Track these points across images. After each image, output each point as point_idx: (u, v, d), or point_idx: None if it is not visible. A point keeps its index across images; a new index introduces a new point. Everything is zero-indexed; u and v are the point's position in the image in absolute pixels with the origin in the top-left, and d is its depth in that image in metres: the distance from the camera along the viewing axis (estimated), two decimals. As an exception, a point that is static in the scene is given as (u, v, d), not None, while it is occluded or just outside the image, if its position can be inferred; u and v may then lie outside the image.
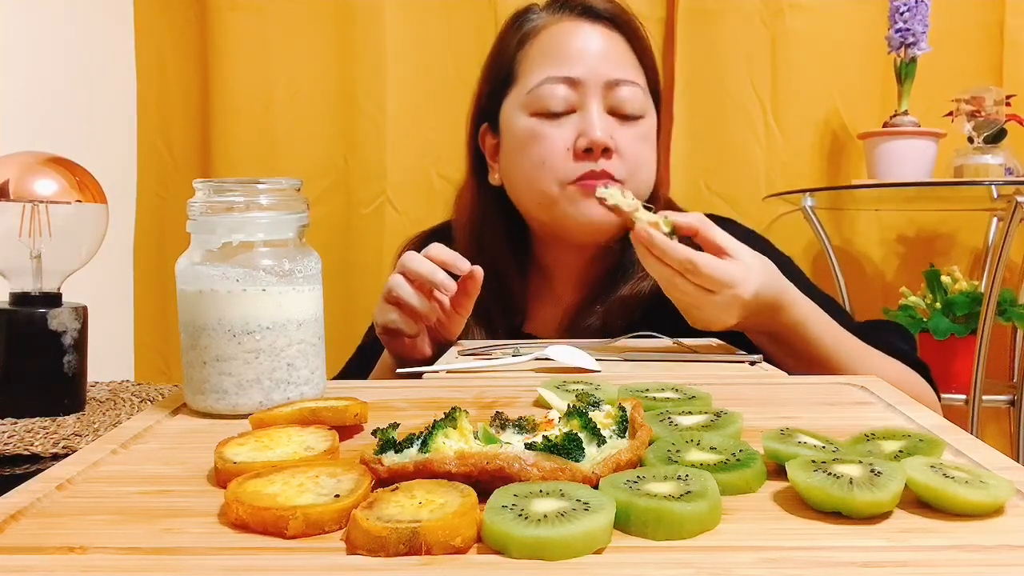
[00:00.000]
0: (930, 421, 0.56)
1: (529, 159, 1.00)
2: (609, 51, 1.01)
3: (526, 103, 1.01)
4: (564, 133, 0.98)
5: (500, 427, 0.48)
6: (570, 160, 0.98)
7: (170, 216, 1.88)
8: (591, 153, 0.97)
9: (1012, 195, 1.53)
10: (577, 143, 0.98)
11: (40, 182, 1.00)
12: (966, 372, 1.61)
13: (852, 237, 1.87)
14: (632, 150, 1.00)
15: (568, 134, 0.98)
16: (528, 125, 1.00)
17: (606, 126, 0.98)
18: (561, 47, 1.01)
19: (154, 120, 1.89)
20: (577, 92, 0.99)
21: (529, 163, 1.00)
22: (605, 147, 0.97)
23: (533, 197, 1.02)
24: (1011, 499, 0.40)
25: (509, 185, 1.06)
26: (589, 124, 0.97)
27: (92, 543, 0.38)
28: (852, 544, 0.37)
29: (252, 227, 0.61)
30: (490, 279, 0.93)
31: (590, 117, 0.98)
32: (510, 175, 1.05)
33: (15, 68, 1.47)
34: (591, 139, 0.97)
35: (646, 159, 1.02)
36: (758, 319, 0.86)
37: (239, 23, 1.82)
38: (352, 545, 0.36)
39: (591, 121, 0.98)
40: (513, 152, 1.03)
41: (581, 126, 0.98)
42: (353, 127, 1.84)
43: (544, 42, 1.02)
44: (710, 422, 0.51)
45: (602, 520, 0.36)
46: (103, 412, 0.99)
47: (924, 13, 1.64)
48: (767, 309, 0.85)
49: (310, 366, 0.63)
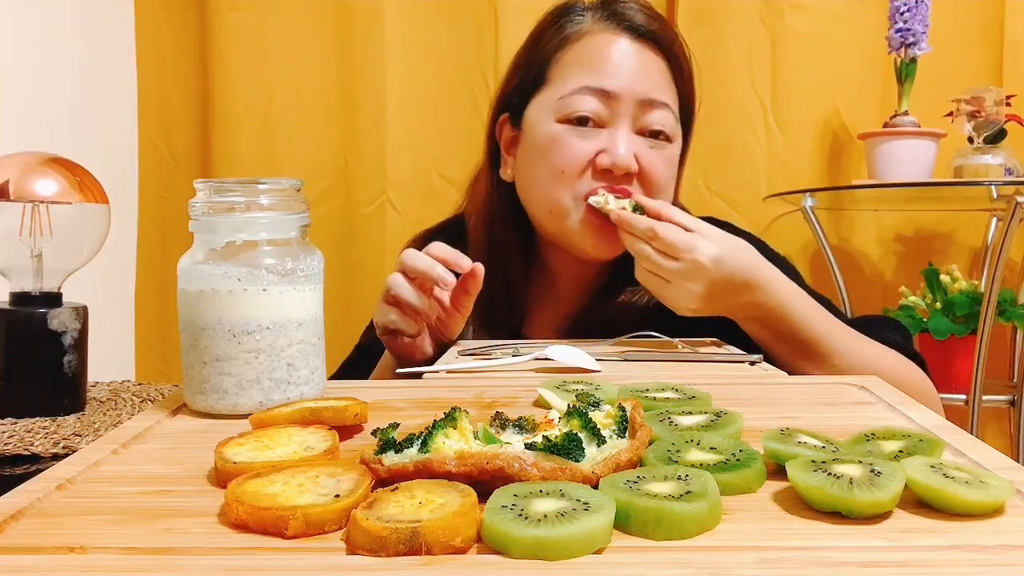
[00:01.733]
0: (930, 421, 0.56)
1: (548, 166, 0.97)
2: (648, 70, 0.98)
3: (556, 108, 0.97)
4: (588, 146, 0.95)
5: (500, 427, 0.48)
6: (588, 175, 0.95)
7: (171, 216, 1.88)
8: (610, 173, 0.95)
9: (1012, 195, 1.53)
10: (599, 159, 0.95)
11: (40, 182, 1.00)
12: (966, 372, 1.61)
13: (851, 237, 1.87)
14: (656, 171, 0.97)
15: (591, 148, 0.95)
16: (553, 132, 0.97)
17: (633, 147, 0.95)
18: (600, 58, 0.97)
19: (155, 120, 1.89)
20: (609, 107, 0.95)
21: (547, 170, 0.97)
22: (626, 171, 0.95)
23: (545, 205, 0.99)
24: (1011, 499, 0.40)
25: (522, 186, 1.03)
26: (615, 143, 0.94)
27: (92, 543, 0.38)
28: (852, 544, 0.37)
29: (255, 226, 0.61)
30: (494, 275, 0.93)
31: (618, 136, 0.95)
32: (525, 177, 1.02)
33: (15, 68, 1.47)
34: (614, 160, 0.94)
35: (668, 183, 1.00)
36: (733, 297, 0.86)
37: (239, 23, 1.82)
38: (352, 545, 0.37)
39: (618, 140, 0.95)
40: (532, 155, 1.00)
41: (607, 143, 0.95)
42: (353, 127, 1.84)
43: (583, 50, 0.99)
44: (710, 422, 0.51)
45: (602, 520, 0.36)
46: (103, 412, 0.99)
47: (924, 13, 1.64)
48: (740, 286, 0.85)
49: (310, 366, 0.63)
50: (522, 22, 1.12)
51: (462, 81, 1.83)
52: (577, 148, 0.95)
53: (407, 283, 0.86)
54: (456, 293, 0.88)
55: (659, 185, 0.98)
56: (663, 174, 0.98)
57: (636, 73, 0.97)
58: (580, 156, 0.95)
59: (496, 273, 0.99)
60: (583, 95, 0.96)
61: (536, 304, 1.09)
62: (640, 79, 0.97)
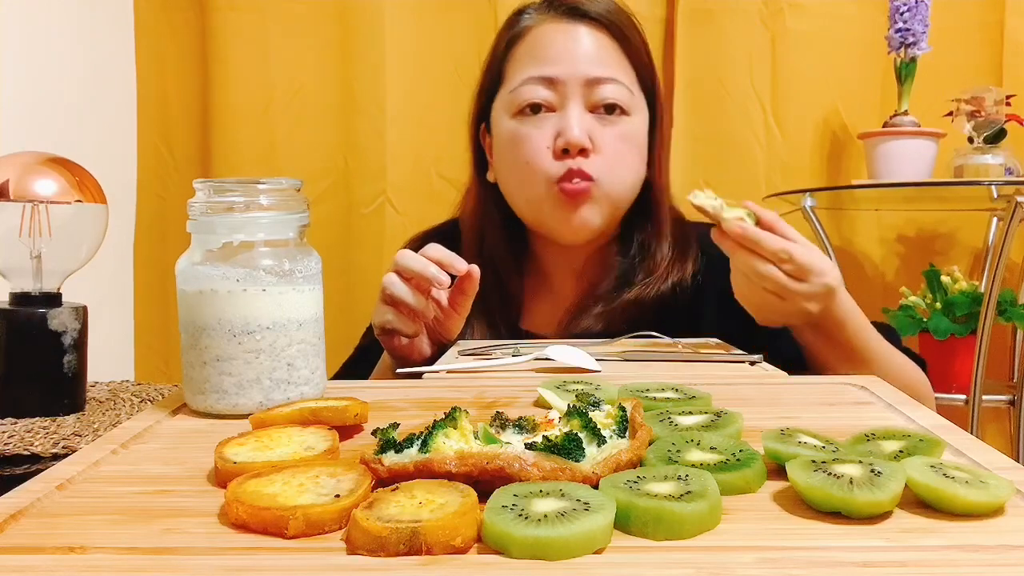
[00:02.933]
0: (930, 421, 0.56)
1: (515, 160, 1.01)
2: (592, 50, 1.01)
3: (508, 104, 1.02)
4: (544, 133, 0.99)
5: (500, 427, 0.48)
6: (551, 159, 0.99)
7: (170, 216, 1.88)
8: (568, 153, 0.98)
9: (1012, 195, 1.53)
10: (556, 143, 0.99)
11: (40, 182, 1.00)
12: (966, 372, 1.61)
13: (852, 237, 1.87)
14: (611, 148, 0.99)
15: (548, 134, 0.99)
16: (511, 127, 1.02)
17: (584, 125, 0.98)
18: (543, 47, 1.01)
19: (154, 120, 1.89)
20: (556, 92, 0.99)
21: (515, 164, 1.02)
22: (581, 148, 0.98)
23: (522, 196, 1.04)
24: (1011, 499, 0.40)
25: (501, 184, 1.07)
26: (566, 124, 0.98)
27: (92, 543, 0.38)
28: (852, 544, 0.37)
29: (252, 227, 0.61)
30: (488, 274, 0.93)
31: (567, 117, 0.98)
32: (501, 175, 1.06)
33: (15, 68, 1.47)
34: (567, 139, 0.97)
35: (626, 157, 1.02)
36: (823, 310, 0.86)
37: (239, 23, 1.82)
38: (352, 545, 0.37)
39: (568, 121, 0.98)
40: (501, 153, 1.05)
41: (559, 125, 0.99)
42: (353, 127, 1.83)
43: (529, 43, 1.03)
44: (710, 422, 0.51)
45: (602, 520, 0.36)
46: (103, 412, 0.99)
47: (924, 13, 1.64)
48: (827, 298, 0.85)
49: (310, 366, 0.63)
50: (522, 22, 1.13)
51: (462, 81, 1.82)
52: (535, 138, 0.99)
53: (402, 283, 0.86)
54: (453, 294, 0.89)
55: (615, 160, 1.00)
56: (618, 149, 1.01)
57: (578, 55, 1.00)
58: (539, 144, 0.99)
59: (490, 272, 1.01)
60: (530, 85, 1.00)
61: (534, 300, 1.11)
62: (582, 60, 1.00)
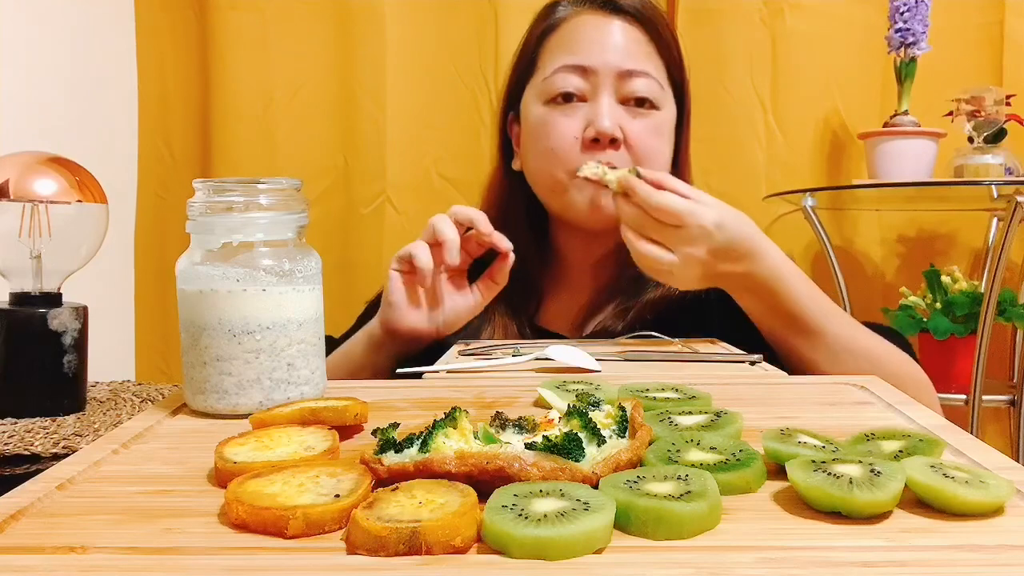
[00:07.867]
0: (930, 421, 0.56)
1: (541, 147, 1.03)
2: (625, 43, 1.02)
3: (540, 92, 1.03)
4: (573, 123, 1.00)
5: (500, 427, 0.48)
6: (578, 149, 1.00)
7: (170, 216, 1.88)
8: (598, 143, 0.99)
9: (1012, 195, 1.53)
10: (585, 132, 0.99)
11: (40, 182, 1.00)
12: (966, 372, 1.61)
13: (852, 237, 1.87)
14: (641, 141, 1.00)
15: (577, 123, 1.00)
16: (541, 114, 1.03)
17: (615, 116, 0.99)
18: (578, 38, 1.03)
19: (154, 120, 1.89)
20: (589, 81, 1.01)
21: (541, 151, 1.03)
22: (612, 138, 0.98)
23: (545, 183, 1.05)
24: (1011, 499, 0.40)
25: (527, 171, 1.08)
26: (597, 114, 0.99)
27: (92, 543, 0.38)
28: (852, 544, 0.37)
29: (252, 227, 0.61)
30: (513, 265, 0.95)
31: (599, 107, 0.99)
32: (527, 163, 1.08)
33: (15, 68, 1.47)
34: (598, 129, 0.98)
35: (656, 151, 1.03)
36: (732, 265, 0.85)
37: (239, 23, 1.82)
38: (352, 545, 0.36)
39: (600, 111, 0.99)
40: (528, 140, 1.06)
41: (590, 115, 1.00)
42: (353, 127, 1.83)
43: (563, 34, 1.05)
44: (710, 422, 0.51)
45: (602, 520, 0.36)
46: (103, 412, 0.99)
47: (924, 13, 1.64)
48: (741, 253, 0.85)
49: (310, 366, 0.63)
50: (522, 22, 1.13)
51: (462, 81, 1.82)
52: (564, 125, 1.00)
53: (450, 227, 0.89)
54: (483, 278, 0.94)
55: (646, 152, 1.01)
56: (649, 141, 1.01)
57: (612, 46, 1.02)
58: (568, 132, 1.00)
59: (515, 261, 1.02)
60: (563, 73, 1.01)
61: (552, 295, 1.12)
62: (616, 52, 1.01)
